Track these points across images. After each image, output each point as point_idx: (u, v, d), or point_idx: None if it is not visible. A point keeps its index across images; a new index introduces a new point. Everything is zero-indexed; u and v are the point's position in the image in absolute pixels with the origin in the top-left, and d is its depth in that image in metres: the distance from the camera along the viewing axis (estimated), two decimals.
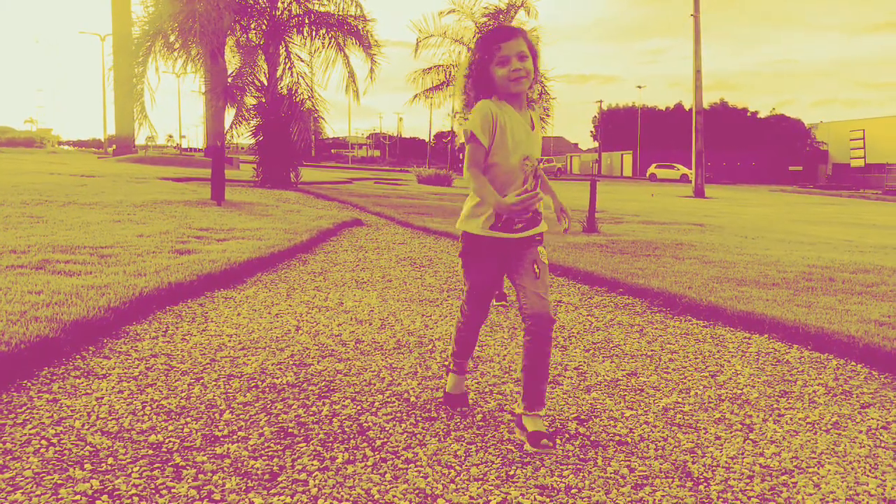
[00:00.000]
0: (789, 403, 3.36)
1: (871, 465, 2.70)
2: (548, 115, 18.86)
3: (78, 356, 3.58)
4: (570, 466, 2.59)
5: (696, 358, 4.05)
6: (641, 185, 47.52)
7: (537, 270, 2.82)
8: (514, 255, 2.87)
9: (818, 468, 2.66)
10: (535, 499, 2.34)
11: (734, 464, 2.67)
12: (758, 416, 3.17)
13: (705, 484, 2.50)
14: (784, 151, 69.38)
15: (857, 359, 4.05)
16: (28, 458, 2.46)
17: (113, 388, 3.17)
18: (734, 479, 2.54)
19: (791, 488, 2.49)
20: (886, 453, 2.82)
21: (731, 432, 2.98)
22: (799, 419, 3.16)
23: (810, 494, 2.44)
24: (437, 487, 2.39)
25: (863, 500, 2.42)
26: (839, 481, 2.55)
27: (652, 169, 62.90)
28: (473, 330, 3.10)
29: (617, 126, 79.72)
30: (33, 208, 9.37)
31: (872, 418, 3.20)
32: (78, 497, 2.21)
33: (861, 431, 3.04)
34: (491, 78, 2.79)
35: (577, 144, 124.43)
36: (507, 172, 2.81)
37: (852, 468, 2.67)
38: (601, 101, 79.96)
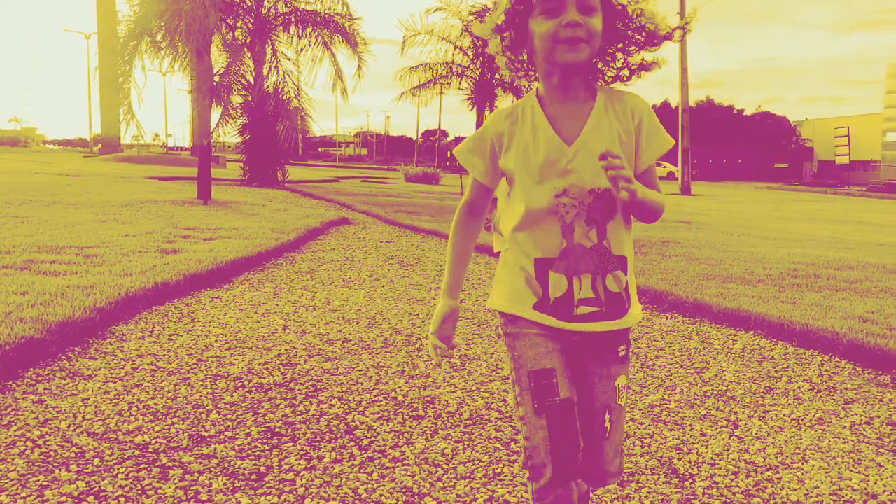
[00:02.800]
0: (774, 400, 3.38)
1: (854, 461, 2.73)
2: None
3: (63, 357, 3.56)
4: None
5: (681, 355, 4.07)
6: None
7: (608, 424, 1.66)
8: (577, 364, 1.66)
9: (802, 464, 2.68)
10: (522, 496, 2.35)
11: (719, 460, 2.69)
12: (743, 413, 3.19)
13: (691, 480, 2.52)
14: (770, 149, 69.70)
15: (842, 355, 4.08)
16: (13, 459, 2.44)
17: (99, 388, 3.16)
18: (719, 476, 2.56)
19: (776, 484, 2.51)
20: (870, 448, 2.85)
21: (716, 429, 3.00)
22: (784, 415, 3.18)
23: (794, 490, 2.47)
24: (424, 486, 2.40)
25: (846, 494, 2.45)
26: (823, 476, 2.58)
27: None
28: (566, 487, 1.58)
29: None
30: (17, 208, 9.30)
31: (856, 414, 3.23)
32: (63, 499, 2.20)
33: (845, 427, 3.07)
34: (529, 42, 1.63)
35: None
36: (534, 217, 1.63)
37: (836, 463, 2.70)
38: None
